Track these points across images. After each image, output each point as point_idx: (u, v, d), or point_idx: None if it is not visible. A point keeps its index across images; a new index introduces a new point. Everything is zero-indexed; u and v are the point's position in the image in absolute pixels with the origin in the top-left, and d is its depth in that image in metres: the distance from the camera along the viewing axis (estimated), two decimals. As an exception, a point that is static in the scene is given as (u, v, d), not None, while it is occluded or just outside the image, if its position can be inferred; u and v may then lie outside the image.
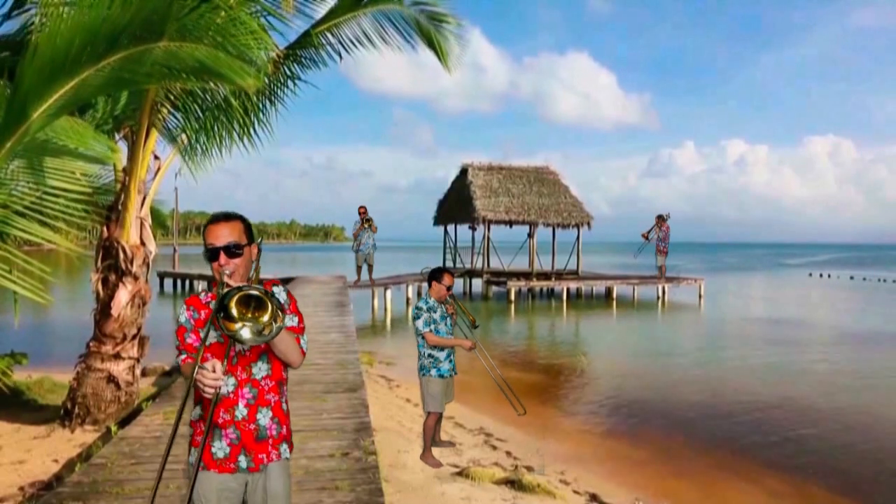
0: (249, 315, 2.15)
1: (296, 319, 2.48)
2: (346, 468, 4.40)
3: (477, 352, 6.05)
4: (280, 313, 2.16)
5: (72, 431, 6.30)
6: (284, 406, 2.53)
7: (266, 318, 2.15)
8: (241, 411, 2.40)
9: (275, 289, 2.54)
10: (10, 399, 7.47)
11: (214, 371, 2.17)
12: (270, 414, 2.45)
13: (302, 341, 2.45)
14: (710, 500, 6.15)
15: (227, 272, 2.33)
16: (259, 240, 2.54)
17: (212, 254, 2.37)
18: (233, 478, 2.41)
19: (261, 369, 2.45)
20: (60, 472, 5.13)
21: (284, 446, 2.50)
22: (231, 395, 2.40)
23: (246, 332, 2.14)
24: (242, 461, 2.40)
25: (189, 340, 2.41)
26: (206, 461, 2.39)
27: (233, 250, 2.36)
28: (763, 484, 6.49)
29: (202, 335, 2.27)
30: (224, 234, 2.37)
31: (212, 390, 2.18)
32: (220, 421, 2.39)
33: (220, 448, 2.39)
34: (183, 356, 2.41)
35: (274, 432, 2.46)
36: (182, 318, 2.45)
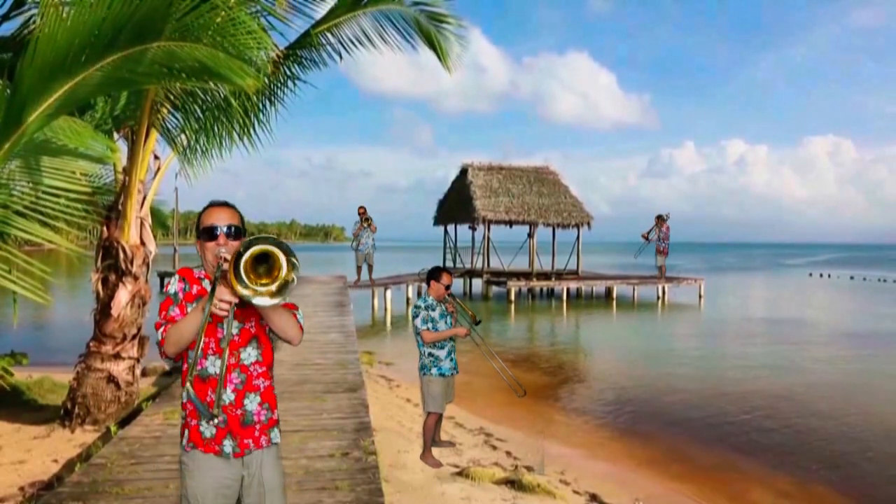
0: (263, 281, 2.17)
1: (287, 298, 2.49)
2: (346, 468, 4.40)
3: (473, 337, 6.07)
4: (293, 260, 2.17)
5: (72, 431, 6.30)
6: (274, 390, 2.54)
7: (283, 274, 2.17)
8: (229, 396, 2.40)
9: None
10: (10, 399, 7.47)
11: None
12: (259, 399, 2.45)
13: (298, 316, 2.46)
14: (711, 499, 6.15)
15: (223, 252, 2.31)
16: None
17: (210, 233, 2.38)
18: (227, 470, 2.40)
19: (250, 355, 2.44)
20: (60, 472, 5.13)
21: (275, 431, 2.50)
22: (217, 376, 2.38)
23: (266, 301, 2.16)
24: (227, 445, 2.40)
25: (173, 314, 2.37)
26: (196, 440, 2.40)
27: (233, 231, 2.40)
28: (768, 483, 6.49)
29: (207, 299, 2.24)
30: (225, 217, 2.41)
31: (226, 308, 2.20)
32: (208, 400, 2.37)
33: (206, 428, 2.39)
34: (164, 326, 2.34)
35: (263, 417, 2.46)
36: (172, 289, 2.42)
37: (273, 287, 2.16)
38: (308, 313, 12.26)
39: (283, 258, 2.16)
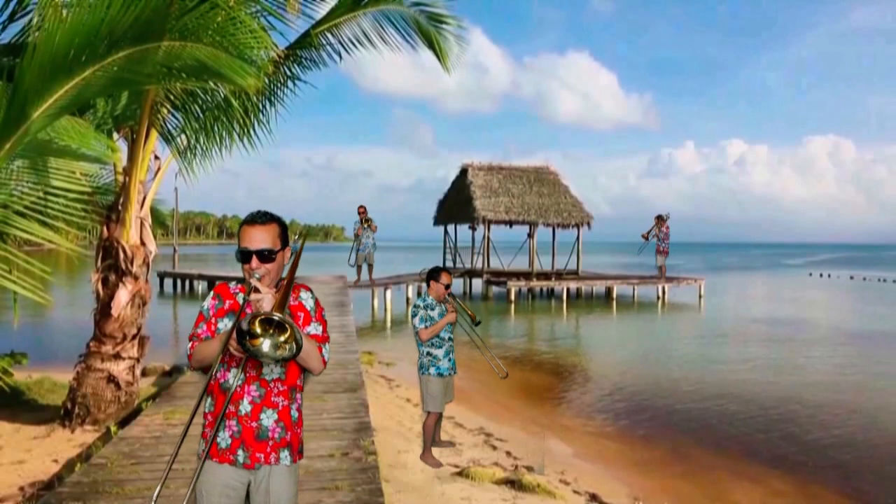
0: (272, 331, 2.17)
1: (320, 328, 2.47)
2: (346, 468, 4.41)
3: (460, 324, 6.07)
4: (298, 338, 2.16)
5: (72, 431, 6.30)
6: (294, 413, 2.49)
7: (283, 338, 2.16)
8: (245, 407, 2.41)
9: (304, 294, 2.52)
10: (10, 399, 7.47)
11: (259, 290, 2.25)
12: (276, 417, 2.43)
13: (324, 350, 2.43)
14: (711, 499, 6.15)
15: (258, 276, 2.33)
16: (297, 236, 2.51)
17: (244, 256, 2.37)
18: (234, 473, 2.40)
19: (272, 371, 2.43)
20: (60, 472, 5.13)
21: (285, 453, 2.44)
22: (238, 390, 2.41)
23: (266, 346, 2.16)
24: (240, 455, 2.40)
25: (200, 330, 2.41)
26: (213, 451, 2.41)
27: (265, 255, 2.36)
28: (765, 483, 6.49)
29: (229, 328, 2.27)
30: (259, 238, 2.37)
31: (258, 295, 2.22)
32: (226, 412, 2.40)
33: (223, 439, 2.41)
34: (193, 342, 2.40)
35: (276, 435, 2.43)
36: (205, 306, 2.46)
37: (282, 338, 2.16)
38: (308, 313, 12.23)
39: (290, 329, 2.16)
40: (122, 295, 6.51)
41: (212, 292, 2.51)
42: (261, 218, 2.41)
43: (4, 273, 3.88)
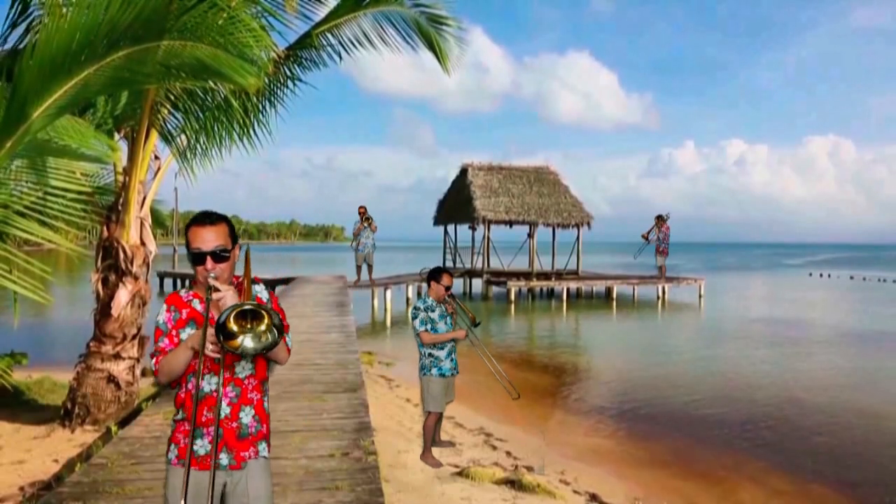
0: (248, 326, 2.18)
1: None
2: (346, 468, 4.40)
3: (470, 338, 6.07)
4: (276, 321, 2.18)
5: (72, 431, 6.30)
6: (266, 404, 2.53)
7: (263, 327, 2.18)
8: (224, 409, 2.40)
9: (257, 287, 2.54)
10: (10, 399, 7.47)
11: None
12: (252, 412, 2.45)
13: (287, 339, 2.46)
14: (711, 499, 6.15)
15: (213, 276, 2.33)
16: (243, 243, 2.55)
17: (197, 258, 2.36)
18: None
19: (244, 368, 2.44)
20: (60, 472, 5.13)
21: (263, 445, 2.49)
22: (213, 394, 2.38)
23: (248, 342, 2.17)
24: (224, 458, 2.39)
25: (162, 344, 2.38)
26: (191, 460, 2.37)
27: (220, 254, 2.36)
28: (766, 483, 6.49)
29: (201, 334, 2.25)
30: (210, 238, 2.36)
31: (219, 351, 2.21)
32: (203, 419, 2.38)
33: (201, 445, 2.38)
34: (156, 357, 2.37)
35: (254, 430, 2.45)
36: (160, 320, 2.43)
37: (262, 327, 2.17)
38: (308, 313, 12.26)
39: (266, 316, 2.18)
40: (122, 295, 6.52)
41: (164, 305, 2.46)
42: (209, 218, 2.40)
43: (4, 273, 3.89)
